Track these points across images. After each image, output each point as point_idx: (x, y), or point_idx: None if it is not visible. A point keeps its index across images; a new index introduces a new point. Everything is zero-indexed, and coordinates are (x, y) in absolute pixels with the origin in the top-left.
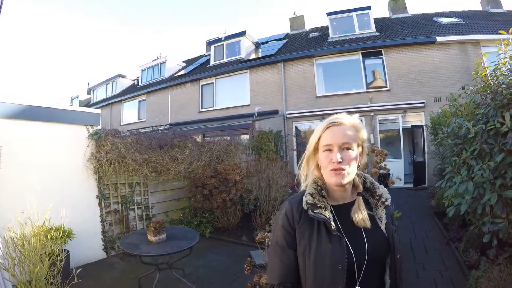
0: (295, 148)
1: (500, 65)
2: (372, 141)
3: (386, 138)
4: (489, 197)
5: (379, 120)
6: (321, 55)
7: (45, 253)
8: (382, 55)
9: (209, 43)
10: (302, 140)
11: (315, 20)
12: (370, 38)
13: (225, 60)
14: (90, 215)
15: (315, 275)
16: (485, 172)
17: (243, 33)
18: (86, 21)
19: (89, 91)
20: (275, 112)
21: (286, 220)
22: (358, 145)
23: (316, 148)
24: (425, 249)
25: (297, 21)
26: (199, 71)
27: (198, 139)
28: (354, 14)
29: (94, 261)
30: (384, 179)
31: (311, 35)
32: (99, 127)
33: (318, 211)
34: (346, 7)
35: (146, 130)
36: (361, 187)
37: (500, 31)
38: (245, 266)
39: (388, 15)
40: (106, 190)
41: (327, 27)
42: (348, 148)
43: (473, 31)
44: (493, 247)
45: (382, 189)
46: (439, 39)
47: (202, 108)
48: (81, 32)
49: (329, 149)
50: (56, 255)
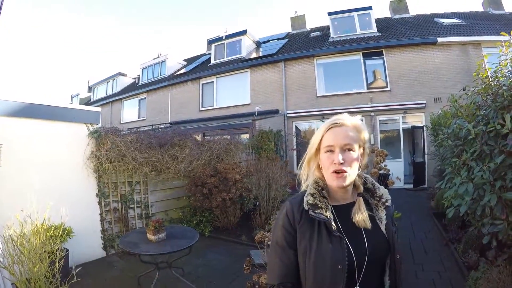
0: (295, 147)
1: (501, 66)
2: (372, 142)
3: (386, 139)
4: (488, 198)
5: (379, 121)
6: (322, 54)
7: (44, 251)
8: (383, 55)
9: (210, 42)
10: (302, 139)
11: (316, 19)
12: (371, 38)
13: (225, 59)
14: (89, 213)
15: (315, 275)
16: (485, 173)
17: (244, 32)
18: (86, 21)
19: (89, 89)
20: (276, 112)
21: (286, 220)
22: (360, 146)
23: (318, 149)
24: (424, 249)
25: (298, 20)
26: (199, 69)
27: (198, 138)
28: (355, 14)
29: (93, 259)
30: (384, 179)
31: (312, 34)
32: (99, 125)
33: (319, 211)
34: (347, 7)
35: (146, 128)
36: (361, 187)
37: (502, 33)
38: (244, 266)
39: (389, 16)
40: (106, 188)
41: (328, 27)
42: (349, 149)
43: (474, 32)
44: (492, 248)
45: (382, 190)
46: (440, 40)
47: (202, 107)
48: (81, 31)
49: (330, 150)
50: (56, 253)
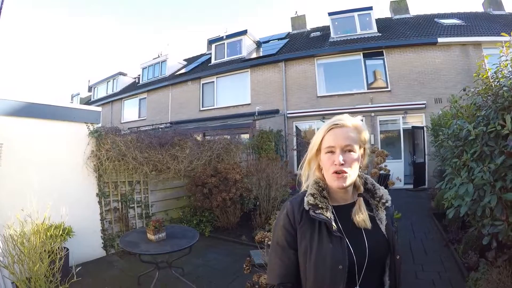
0: (295, 148)
1: (502, 67)
2: (372, 142)
3: (387, 139)
4: (489, 199)
5: (379, 121)
6: (322, 55)
7: (44, 250)
8: (383, 55)
9: (210, 42)
10: (302, 140)
11: (316, 20)
12: (372, 39)
13: (226, 59)
14: (90, 213)
15: (316, 275)
16: (485, 174)
17: (244, 32)
18: (87, 20)
19: (89, 89)
20: (276, 112)
21: (287, 220)
22: (360, 146)
23: (319, 150)
24: (424, 250)
25: (298, 20)
26: (200, 69)
27: (199, 138)
28: (355, 14)
29: (93, 259)
30: (384, 180)
31: (312, 34)
32: (99, 125)
33: (319, 211)
34: (347, 7)
35: (146, 128)
36: (362, 188)
37: (502, 33)
38: (244, 266)
39: (390, 16)
40: (106, 188)
41: (328, 27)
42: (350, 150)
43: (474, 33)
44: (492, 249)
45: (382, 191)
46: (440, 40)
47: (202, 107)
48: (81, 31)
49: (331, 151)
50: (56, 253)
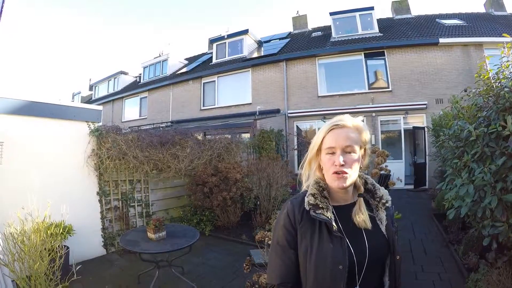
0: (296, 147)
1: (503, 68)
2: (373, 142)
3: (387, 139)
4: (489, 200)
5: (380, 121)
6: (323, 54)
7: (45, 249)
8: (385, 55)
9: (212, 41)
10: (303, 139)
11: (318, 19)
12: (373, 39)
13: (227, 58)
14: (90, 211)
15: (316, 275)
16: (486, 175)
17: (245, 32)
18: (88, 19)
19: (90, 88)
20: (277, 111)
21: (287, 220)
22: (361, 147)
23: (319, 150)
24: (424, 250)
25: (300, 20)
26: (201, 69)
27: (199, 137)
28: (357, 14)
29: (93, 257)
30: (384, 180)
31: (313, 34)
32: (100, 123)
33: (320, 211)
34: (349, 7)
35: (147, 127)
36: (362, 188)
37: (504, 34)
38: (244, 265)
39: (391, 16)
40: (107, 186)
41: (329, 27)
42: (350, 151)
43: (476, 33)
44: (492, 250)
45: (382, 191)
46: (442, 40)
47: (203, 106)
48: (83, 30)
49: (332, 151)
50: (56, 251)
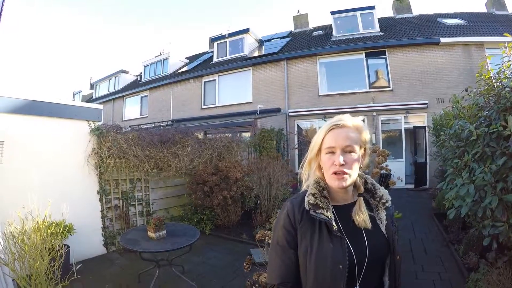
0: (296, 146)
1: (504, 68)
2: (374, 141)
3: (388, 138)
4: (490, 200)
5: (381, 120)
6: (324, 54)
7: (45, 248)
8: (386, 55)
9: (212, 40)
10: (303, 138)
11: (319, 19)
12: (374, 38)
13: (228, 57)
14: (90, 210)
15: (316, 275)
16: (486, 175)
17: (246, 31)
18: (88, 18)
19: (91, 86)
20: (277, 110)
21: (287, 220)
22: (361, 147)
23: (319, 150)
24: (424, 250)
25: (300, 19)
26: (202, 67)
27: (200, 136)
28: (358, 13)
29: (94, 256)
30: (385, 179)
31: (314, 33)
32: (101, 122)
33: (320, 211)
34: (350, 7)
35: (148, 126)
36: (362, 188)
37: (505, 34)
38: (244, 264)
39: (392, 15)
40: (107, 185)
41: (330, 26)
42: (350, 151)
43: (477, 33)
44: (492, 250)
45: (382, 191)
46: (443, 40)
47: (204, 105)
48: (83, 29)
49: (332, 151)
50: (56, 250)
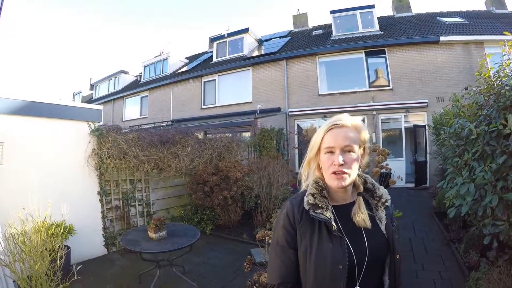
0: (296, 146)
1: (504, 66)
2: (374, 140)
3: (388, 137)
4: (490, 199)
5: (381, 119)
6: (324, 53)
7: (45, 249)
8: (385, 54)
9: (212, 40)
10: (303, 138)
11: (318, 18)
12: (374, 37)
13: (227, 57)
14: (91, 211)
15: (316, 275)
16: (486, 174)
17: (246, 30)
18: (88, 19)
19: (91, 87)
20: (277, 110)
21: (287, 220)
22: (360, 146)
23: (319, 149)
24: (425, 249)
25: (300, 18)
26: (201, 67)
27: (200, 136)
28: (357, 12)
29: (94, 257)
30: (385, 178)
31: (314, 33)
32: (101, 123)
33: (319, 211)
34: (349, 6)
35: (148, 126)
36: (361, 187)
37: (505, 32)
38: (245, 264)
39: (392, 14)
40: (107, 186)
41: (330, 25)
42: (350, 151)
43: (477, 32)
44: (493, 249)
45: (382, 190)
46: (442, 38)
47: (204, 105)
48: (83, 29)
49: (331, 151)
50: (57, 251)
